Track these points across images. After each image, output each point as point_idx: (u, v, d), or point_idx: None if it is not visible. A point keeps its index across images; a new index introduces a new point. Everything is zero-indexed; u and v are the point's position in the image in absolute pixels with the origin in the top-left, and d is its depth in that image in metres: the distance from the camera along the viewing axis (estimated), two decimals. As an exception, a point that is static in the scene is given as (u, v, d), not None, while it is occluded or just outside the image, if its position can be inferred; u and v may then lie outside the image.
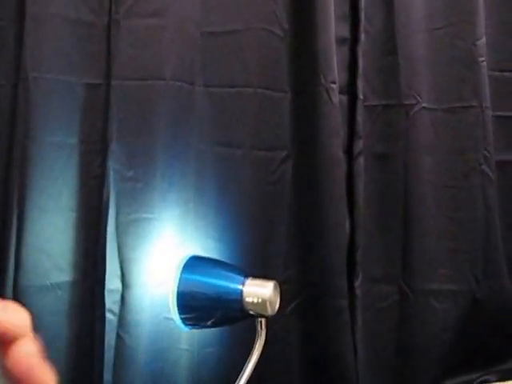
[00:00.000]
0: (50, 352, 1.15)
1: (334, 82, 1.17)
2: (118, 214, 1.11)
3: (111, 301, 1.11)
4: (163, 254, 1.12)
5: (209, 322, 1.04)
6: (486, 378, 1.27)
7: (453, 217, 1.26)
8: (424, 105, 1.23)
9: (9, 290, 1.09)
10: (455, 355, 1.27)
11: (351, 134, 1.20)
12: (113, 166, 1.11)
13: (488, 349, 1.28)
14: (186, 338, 1.15)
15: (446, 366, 1.25)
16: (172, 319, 1.08)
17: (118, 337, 1.11)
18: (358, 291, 1.20)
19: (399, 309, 1.25)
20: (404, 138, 1.23)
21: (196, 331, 1.14)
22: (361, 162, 1.20)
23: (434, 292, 1.25)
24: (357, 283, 1.20)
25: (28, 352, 0.35)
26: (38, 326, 1.12)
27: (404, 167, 1.23)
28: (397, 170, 1.23)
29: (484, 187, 1.26)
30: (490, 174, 1.26)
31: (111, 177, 1.11)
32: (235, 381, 1.04)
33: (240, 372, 1.04)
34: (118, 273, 1.11)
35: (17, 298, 1.09)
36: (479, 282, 1.26)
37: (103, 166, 1.12)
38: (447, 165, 1.25)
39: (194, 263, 1.04)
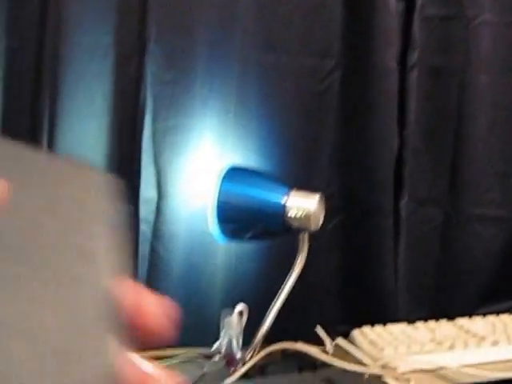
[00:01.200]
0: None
1: (391, -14, 1.09)
2: (154, 119, 1.05)
3: (146, 211, 1.06)
4: (202, 163, 1.07)
5: (248, 235, 1.00)
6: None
7: (506, 139, 1.19)
8: (486, 17, 1.14)
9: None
10: (496, 282, 1.23)
11: (406, 45, 1.12)
12: (150, 68, 1.04)
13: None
14: (223, 253, 1.11)
15: (486, 293, 1.21)
16: (209, 233, 1.04)
17: (152, 248, 1.07)
18: (402, 211, 1.15)
19: (443, 232, 1.20)
20: (461, 53, 1.15)
21: (233, 246, 1.10)
22: (414, 75, 1.12)
23: (479, 217, 1.20)
24: (402, 203, 1.15)
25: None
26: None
27: (459, 84, 1.15)
28: (451, 87, 1.16)
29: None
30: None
31: (149, 80, 1.04)
32: (272, 298, 1.00)
33: (277, 289, 1.00)
34: (154, 182, 1.07)
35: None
36: (528, 209, 1.21)
37: (140, 68, 1.05)
38: (503, 84, 1.18)
39: (235, 174, 0.99)
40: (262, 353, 0.95)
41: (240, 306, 1.00)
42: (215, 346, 1.02)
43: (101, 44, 1.05)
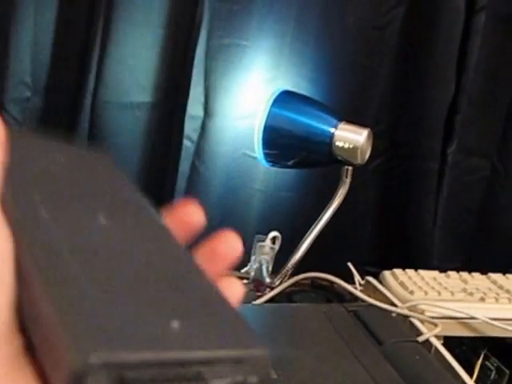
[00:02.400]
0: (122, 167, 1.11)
1: None
2: (209, 36, 1.03)
3: (191, 127, 1.06)
4: (251, 85, 1.05)
5: (292, 162, 0.99)
6: None
7: None
8: None
9: (87, 104, 1.05)
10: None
11: (476, -14, 1.08)
12: (210, -16, 1.02)
13: None
14: (262, 179, 1.10)
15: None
16: (251, 156, 1.03)
17: (193, 166, 1.07)
18: (449, 158, 1.12)
19: (488, 185, 1.17)
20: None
21: (273, 173, 1.09)
22: (481, 19, 1.08)
23: None
24: (450, 150, 1.12)
25: None
26: (112, 145, 1.08)
27: (527, 33, 1.11)
28: (518, 36, 1.11)
29: None
30: None
31: (207, -5, 1.02)
32: (307, 229, 1.00)
33: (313, 220, 0.99)
34: (202, 99, 1.05)
35: (94, 113, 1.05)
36: None
37: (200, -17, 1.03)
38: None
39: (286, 99, 0.97)
40: (293, 280, 0.95)
41: (273, 233, 1.00)
42: (244, 269, 1.03)
43: None
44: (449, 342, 0.93)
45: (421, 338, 0.84)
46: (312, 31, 1.06)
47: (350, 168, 0.96)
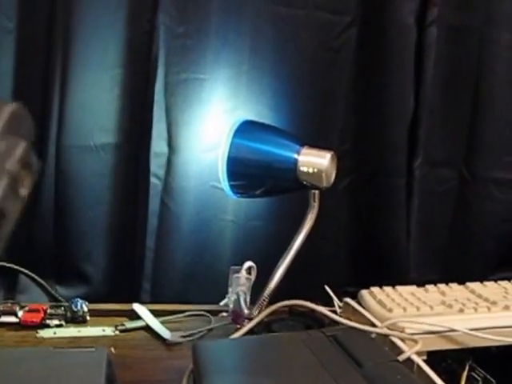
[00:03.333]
0: (92, 215, 1.10)
1: None
2: (166, 72, 1.04)
3: (156, 164, 1.06)
4: (214, 117, 1.05)
5: (259, 191, 0.99)
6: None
7: (527, 100, 1.16)
8: (509, -27, 1.11)
9: (51, 149, 1.04)
10: (510, 249, 1.20)
11: (425, 1, 1.09)
12: (163, 20, 1.03)
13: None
14: (233, 209, 1.10)
15: (501, 258, 1.19)
16: (219, 188, 1.03)
17: (163, 203, 1.07)
18: (416, 172, 1.13)
19: (457, 195, 1.18)
20: (483, 11, 1.11)
21: (243, 203, 1.09)
22: (433, 32, 1.09)
23: (496, 180, 1.17)
24: (416, 164, 1.13)
25: None
26: (80, 189, 1.07)
27: (480, 42, 1.12)
28: (471, 45, 1.12)
29: None
30: None
31: (161, 33, 1.03)
32: (281, 255, 0.99)
33: (287, 247, 0.99)
34: (165, 136, 1.06)
35: (59, 157, 1.05)
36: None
37: (153, 21, 1.03)
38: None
39: (247, 128, 0.97)
40: (270, 309, 0.94)
41: (248, 263, 1.00)
42: (223, 302, 1.02)
43: None
44: (433, 356, 0.93)
45: (402, 357, 0.84)
46: (268, 58, 1.07)
47: (317, 192, 0.96)
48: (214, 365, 0.76)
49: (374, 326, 0.92)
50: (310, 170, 0.93)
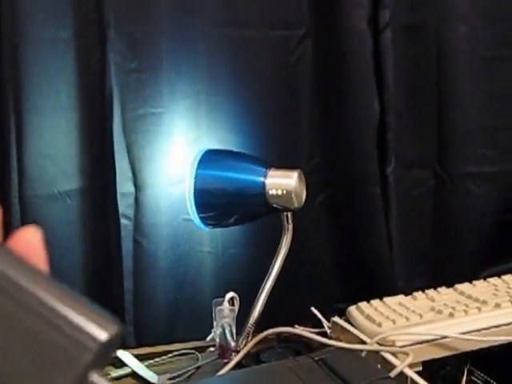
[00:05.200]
0: (65, 264, 1.07)
1: None
2: (123, 110, 1.01)
3: (124, 205, 1.03)
4: (176, 150, 1.03)
5: (231, 220, 0.96)
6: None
7: (492, 91, 1.14)
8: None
9: (15, 201, 1.02)
10: (496, 243, 1.18)
11: (376, 4, 1.07)
12: (113, 58, 1.00)
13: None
14: (209, 240, 1.07)
15: (486, 255, 1.17)
16: (192, 220, 1.00)
17: (136, 242, 1.04)
18: (390, 178, 1.10)
19: (435, 195, 1.15)
20: (435, 6, 1.09)
21: (218, 232, 1.06)
22: (388, 35, 1.07)
23: (472, 175, 1.15)
24: (389, 169, 1.10)
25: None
26: (49, 238, 1.04)
27: (436, 39, 1.10)
28: (428, 43, 1.10)
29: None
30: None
31: (112, 70, 1.00)
32: (262, 281, 0.97)
33: (267, 272, 0.97)
34: (130, 174, 1.03)
35: (24, 209, 1.02)
36: (523, 162, 1.16)
37: (103, 59, 1.01)
38: (483, 33, 1.12)
39: (211, 158, 0.95)
40: (255, 340, 0.92)
41: (230, 294, 0.97)
42: (209, 337, 0.99)
43: (61, 38, 1.01)
44: (430, 364, 0.90)
45: (394, 372, 0.81)
46: (225, 83, 1.05)
47: (289, 213, 0.94)
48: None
49: (363, 343, 0.90)
50: (279, 192, 0.91)
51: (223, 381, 0.84)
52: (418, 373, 0.85)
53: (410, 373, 0.82)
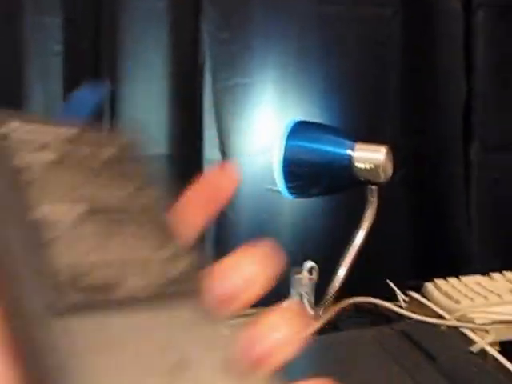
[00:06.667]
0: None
1: None
2: (214, 80, 1.04)
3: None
4: (262, 121, 1.05)
5: (315, 190, 0.98)
6: None
7: None
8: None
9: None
10: None
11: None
12: (207, 28, 1.03)
13: None
14: (290, 210, 1.10)
15: None
16: (275, 190, 1.03)
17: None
18: (473, 159, 1.11)
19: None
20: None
21: (300, 202, 1.08)
22: (480, 16, 1.07)
23: None
24: (472, 151, 1.11)
25: None
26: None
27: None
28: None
29: None
30: None
31: (206, 40, 1.03)
32: (342, 253, 0.99)
33: (347, 244, 0.98)
34: (217, 142, 1.06)
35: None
36: None
37: (196, 29, 1.04)
38: None
39: (299, 129, 0.97)
40: (334, 309, 0.94)
41: (310, 263, 0.99)
42: (285, 304, 1.02)
43: (156, 9, 1.04)
44: (508, 346, 0.90)
45: (474, 348, 0.82)
46: (315, 57, 1.07)
47: (375, 187, 0.95)
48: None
49: (441, 318, 0.91)
50: (367, 166, 0.92)
51: (308, 344, 0.86)
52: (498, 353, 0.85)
53: (492, 350, 0.83)
